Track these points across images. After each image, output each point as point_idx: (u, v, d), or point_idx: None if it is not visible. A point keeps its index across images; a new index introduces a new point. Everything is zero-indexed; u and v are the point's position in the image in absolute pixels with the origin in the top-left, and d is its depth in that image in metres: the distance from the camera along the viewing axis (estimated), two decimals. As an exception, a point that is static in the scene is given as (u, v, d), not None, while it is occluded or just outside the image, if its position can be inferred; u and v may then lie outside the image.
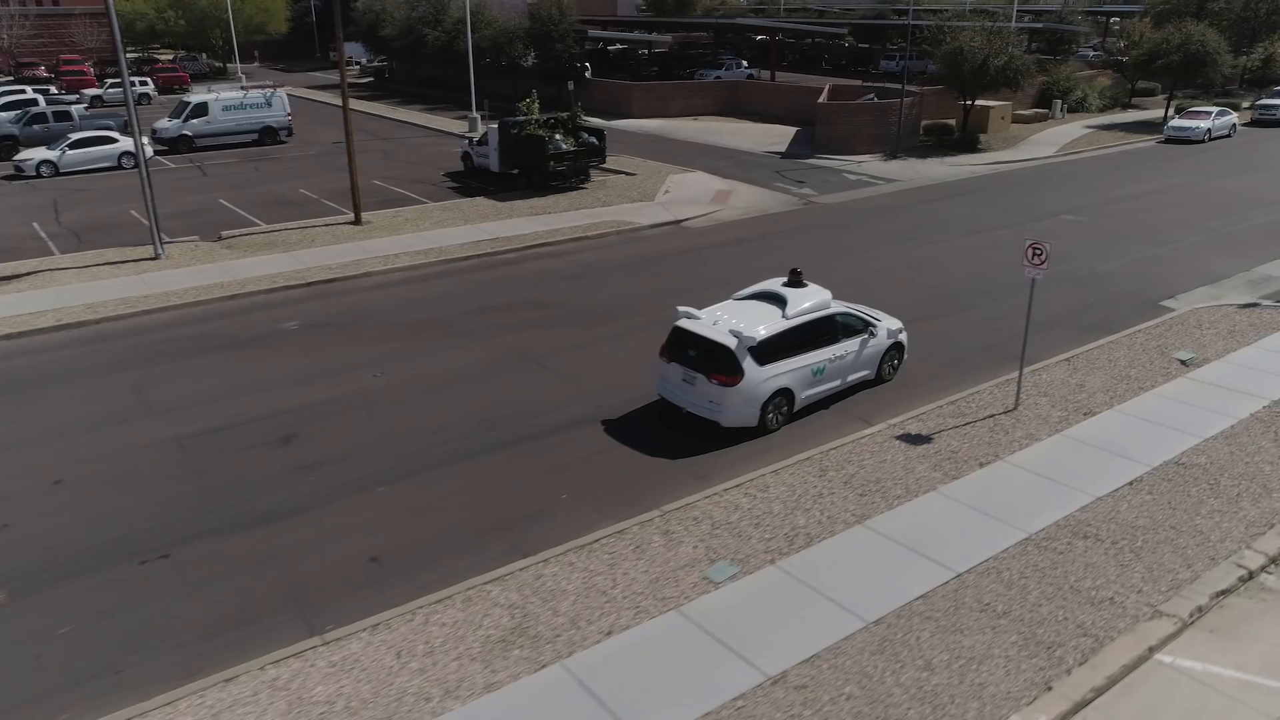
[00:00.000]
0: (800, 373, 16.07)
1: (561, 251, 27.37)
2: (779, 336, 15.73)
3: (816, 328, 16.39)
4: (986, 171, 39.51)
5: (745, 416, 15.59)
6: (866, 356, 17.37)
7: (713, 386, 15.35)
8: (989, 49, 42.15)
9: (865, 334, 17.28)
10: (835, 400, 17.13)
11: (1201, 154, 43.00)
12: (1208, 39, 48.42)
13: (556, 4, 56.18)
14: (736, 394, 15.28)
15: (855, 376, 17.35)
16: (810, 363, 16.20)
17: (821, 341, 16.41)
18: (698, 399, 15.66)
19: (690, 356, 15.73)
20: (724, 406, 15.38)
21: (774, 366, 15.60)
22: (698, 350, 15.64)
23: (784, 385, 15.81)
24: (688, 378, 15.73)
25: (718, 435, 15.66)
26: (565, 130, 34.77)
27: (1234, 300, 22.75)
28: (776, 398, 15.80)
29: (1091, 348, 19.57)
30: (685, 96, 55.29)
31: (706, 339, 15.56)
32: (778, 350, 15.70)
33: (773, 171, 39.04)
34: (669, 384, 16.23)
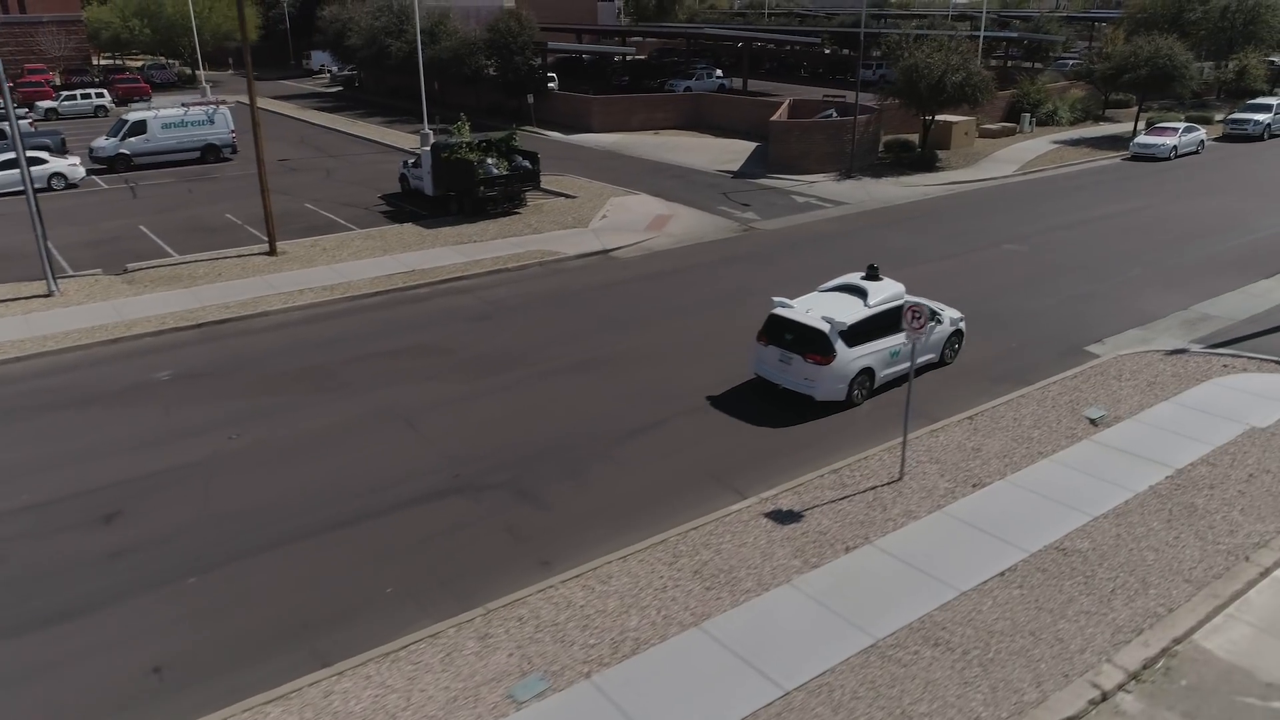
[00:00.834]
0: (881, 354, 18.52)
1: (475, 286, 26.31)
2: (863, 323, 18.13)
3: (893, 315, 18.54)
4: (940, 193, 38.42)
5: (835, 391, 18.06)
6: (934, 341, 19.80)
7: (808, 365, 17.79)
8: (946, 65, 41.06)
9: (932, 321, 19.30)
10: (721, 462, 16.10)
11: (1164, 173, 41.89)
12: (1175, 53, 47.31)
13: (515, 16, 55.08)
14: (829, 372, 17.76)
15: (923, 359, 19.50)
16: (888, 346, 18.61)
17: (897, 327, 18.51)
18: (794, 377, 18.09)
19: (787, 340, 18.10)
20: (817, 383, 17.87)
21: (859, 349, 18.08)
22: (793, 334, 18.04)
23: (867, 365, 18.31)
24: (784, 358, 18.16)
25: (811, 409, 18.05)
26: (499, 153, 33.70)
27: (1163, 345, 21.66)
28: (861, 376, 18.25)
29: (999, 403, 18.49)
30: (647, 110, 54.21)
31: (802, 324, 17.99)
32: (862, 334, 18.11)
33: (720, 193, 37.97)
34: (765, 364, 18.65)
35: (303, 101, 69.74)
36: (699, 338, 22.21)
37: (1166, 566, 13.00)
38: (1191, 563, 13.09)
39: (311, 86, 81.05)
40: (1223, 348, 21.42)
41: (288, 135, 53.19)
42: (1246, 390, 18.88)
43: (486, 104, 60.25)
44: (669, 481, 15.72)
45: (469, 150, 32.98)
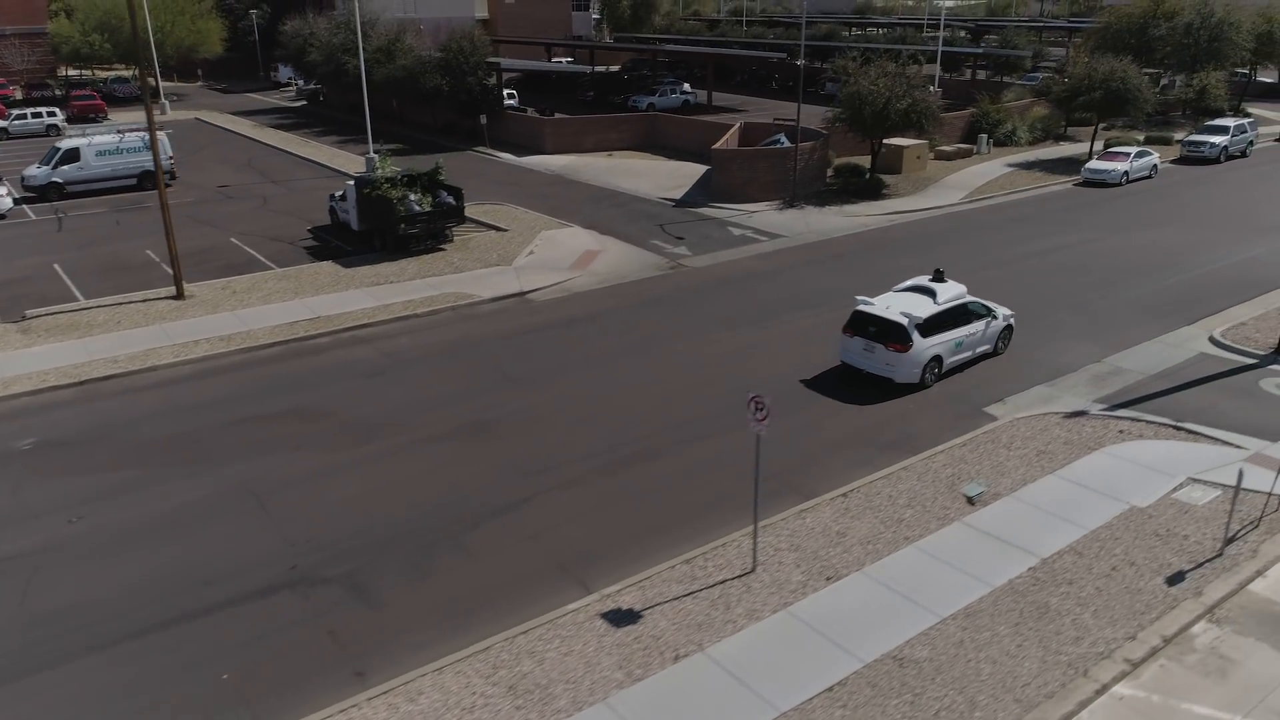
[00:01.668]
0: (948, 344, 21.94)
1: (379, 335, 25.69)
2: (934, 317, 21.57)
3: (957, 312, 22.24)
4: (880, 223, 37.84)
5: (911, 375, 21.40)
6: (989, 334, 23.18)
7: (889, 353, 21.24)
8: (891, 92, 40.49)
9: (989, 317, 23.14)
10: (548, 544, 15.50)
11: (1112, 202, 41.34)
12: (1129, 77, 46.76)
13: (469, 36, 54.45)
14: (907, 359, 21.15)
15: (981, 349, 23.14)
16: (954, 337, 22.09)
17: (960, 322, 22.26)
18: (876, 363, 21.54)
19: (870, 331, 21.49)
20: (897, 368, 21.28)
21: (930, 339, 21.43)
22: (876, 327, 21.45)
23: (937, 353, 21.68)
24: (868, 348, 21.56)
25: (890, 390, 21.46)
26: (423, 188, 33.08)
27: (1065, 405, 21.10)
28: (931, 362, 21.63)
29: (879, 476, 17.92)
30: (601, 131, 53.57)
31: (884, 318, 21.37)
32: (933, 327, 21.54)
33: (656, 225, 37.38)
34: (851, 353, 22.11)
35: (263, 117, 69.04)
36: (592, 397, 21.63)
37: (1000, 682, 12.42)
38: (1028, 677, 12.52)
39: (277, 100, 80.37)
40: (1125, 409, 20.88)
41: (235, 157, 52.52)
42: (1136, 461, 18.32)
43: (443, 123, 59.65)
44: (515, 574, 15.13)
45: (391, 186, 32.35)
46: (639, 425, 20.10)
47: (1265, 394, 21.51)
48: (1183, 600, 14.00)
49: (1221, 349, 24.34)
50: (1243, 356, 23.80)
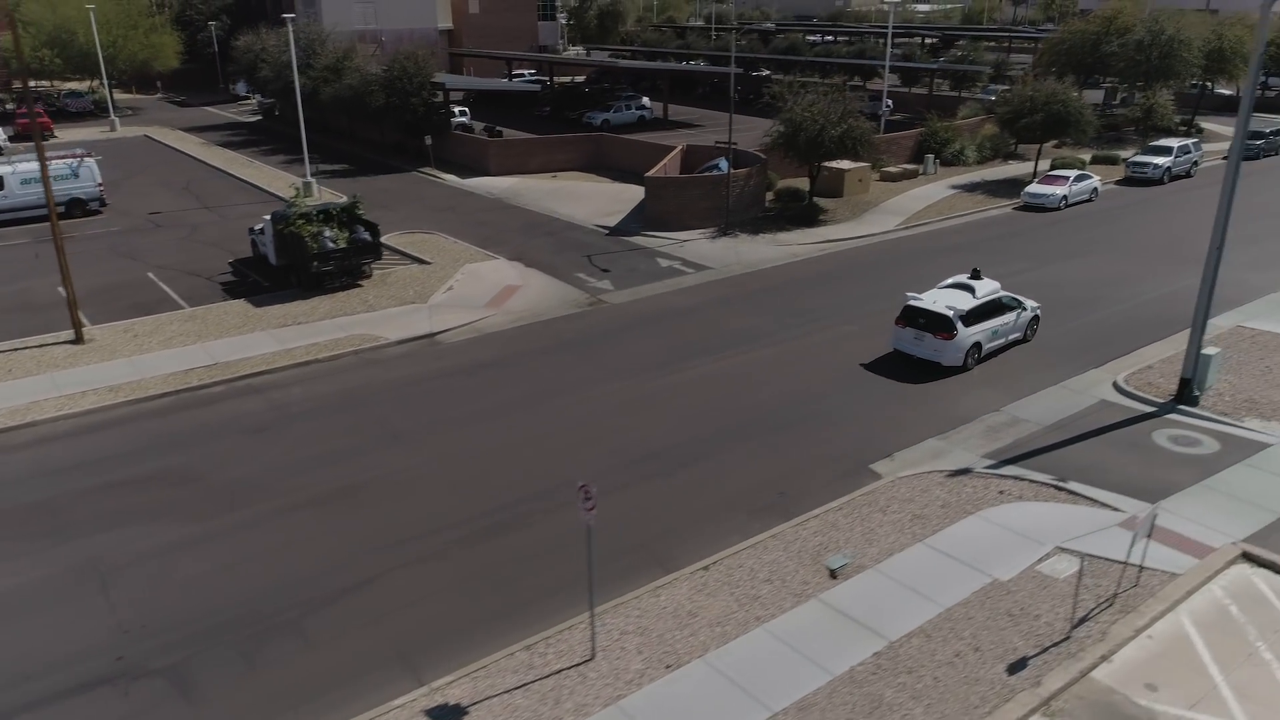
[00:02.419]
0: (985, 332, 25.65)
1: (274, 384, 25.20)
2: (974, 310, 25.33)
3: (993, 304, 25.98)
4: (812, 253, 37.54)
5: (955, 359, 25.08)
6: (1020, 323, 26.92)
7: (937, 340, 24.98)
8: (825, 119, 40.20)
9: (1019, 309, 26.83)
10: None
11: (1049, 227, 41.16)
12: (1069, 100, 46.62)
13: (413, 56, 53.89)
14: (952, 345, 24.90)
15: (1013, 336, 26.85)
16: (991, 326, 25.84)
17: (996, 313, 26.02)
18: (925, 349, 25.30)
19: (919, 323, 25.22)
20: (943, 353, 25.04)
21: (972, 328, 25.21)
22: (925, 319, 25.18)
23: (977, 340, 25.43)
24: (918, 336, 25.31)
25: (938, 372, 25.29)
26: (340, 224, 32.58)
27: (951, 462, 20.82)
28: (972, 348, 25.33)
29: (744, 547, 17.56)
30: (547, 152, 53.14)
31: (932, 311, 25.13)
32: (973, 318, 25.28)
33: (585, 255, 36.98)
34: (902, 341, 25.78)
35: (214, 134, 68.28)
36: (475, 455, 21.23)
37: (813, 791, 12.10)
38: (843, 784, 12.20)
39: (233, 115, 79.58)
40: (1011, 465, 20.61)
41: (175, 180, 51.87)
42: (1009, 527, 18.04)
43: (392, 142, 59.12)
44: (351, 663, 14.71)
45: (305, 222, 31.84)
46: (515, 489, 19.71)
47: (1156, 448, 21.28)
48: (1019, 692, 13.70)
49: (1123, 395, 24.14)
50: (1142, 404, 23.60)
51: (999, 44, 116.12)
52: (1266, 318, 29.58)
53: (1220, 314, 29.82)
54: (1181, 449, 21.18)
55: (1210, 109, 75.11)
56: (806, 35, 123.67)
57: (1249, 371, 25.16)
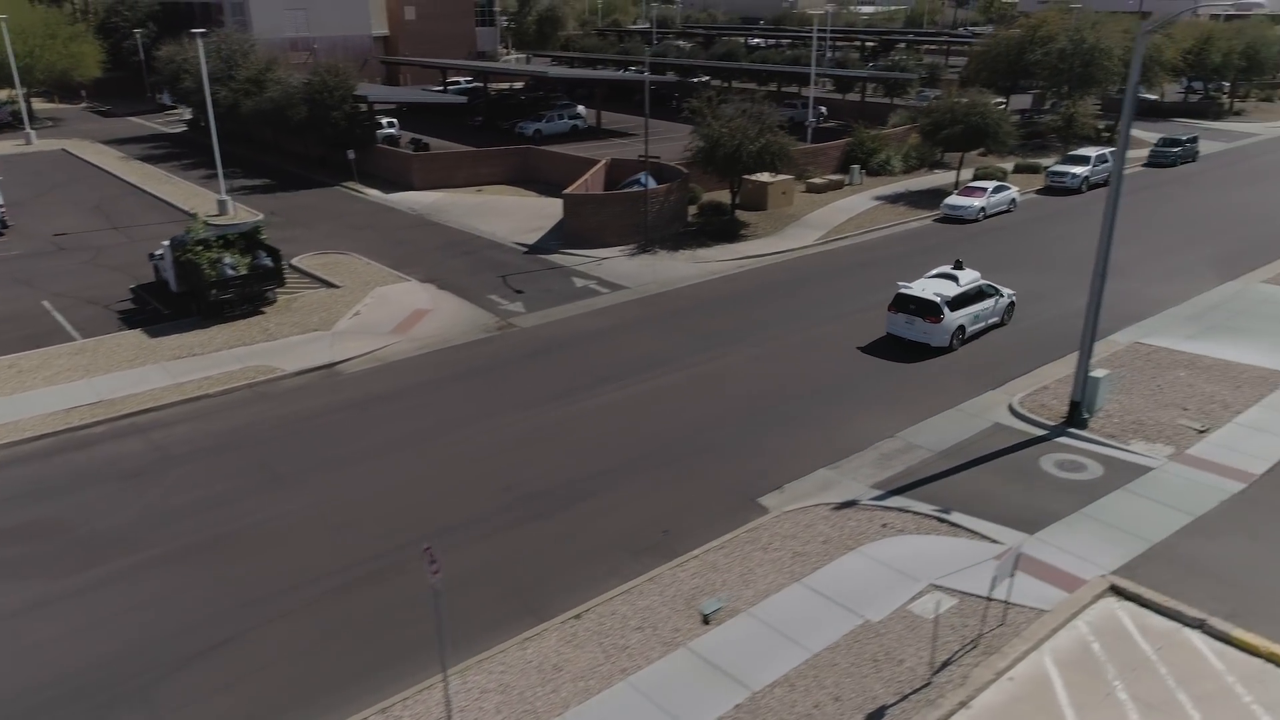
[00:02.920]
0: (969, 316, 28.61)
1: (160, 422, 24.42)
2: (958, 297, 28.30)
3: (974, 291, 28.94)
4: (728, 270, 37.45)
5: (943, 340, 28.03)
6: (998, 309, 29.80)
7: (926, 324, 27.94)
8: (743, 134, 40.14)
9: (998, 295, 29.70)
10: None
11: (966, 240, 41.52)
12: (988, 112, 47.13)
13: (333, 69, 52.91)
14: (939, 328, 27.86)
15: (992, 320, 29.68)
16: (973, 311, 28.76)
17: (977, 299, 28.95)
18: (916, 332, 28.25)
19: (910, 308, 28.19)
20: (932, 335, 28.00)
21: (957, 313, 28.16)
22: (915, 304, 28.11)
23: (961, 323, 28.36)
24: (909, 320, 28.24)
25: (927, 353, 28.21)
26: (241, 250, 31.77)
27: (840, 493, 20.77)
28: (957, 330, 28.28)
29: (619, 592, 17.31)
30: (473, 165, 52.51)
31: (921, 298, 28.06)
32: (958, 304, 28.23)
33: (500, 276, 36.51)
34: (895, 326, 28.65)
35: (135, 147, 66.46)
36: (357, 498, 20.72)
37: None
38: None
39: (159, 126, 77.60)
40: (898, 495, 20.61)
41: (86, 198, 50.34)
42: (888, 564, 18.00)
43: (317, 155, 58.01)
44: (194, 733, 14.19)
45: (204, 249, 31.00)
46: (392, 535, 19.26)
47: (1041, 474, 21.42)
48: (873, 745, 13.61)
49: (1017, 419, 24.31)
50: (1035, 427, 23.78)
51: (940, 47, 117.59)
52: (1165, 333, 30.03)
53: (1121, 329, 30.35)
54: (1066, 475, 21.35)
55: (1135, 114, 76.62)
56: (748, 39, 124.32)
57: (1140, 391, 25.50)
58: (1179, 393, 25.28)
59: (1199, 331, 30.04)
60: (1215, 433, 23.03)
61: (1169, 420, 23.70)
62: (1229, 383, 25.86)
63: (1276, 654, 15.21)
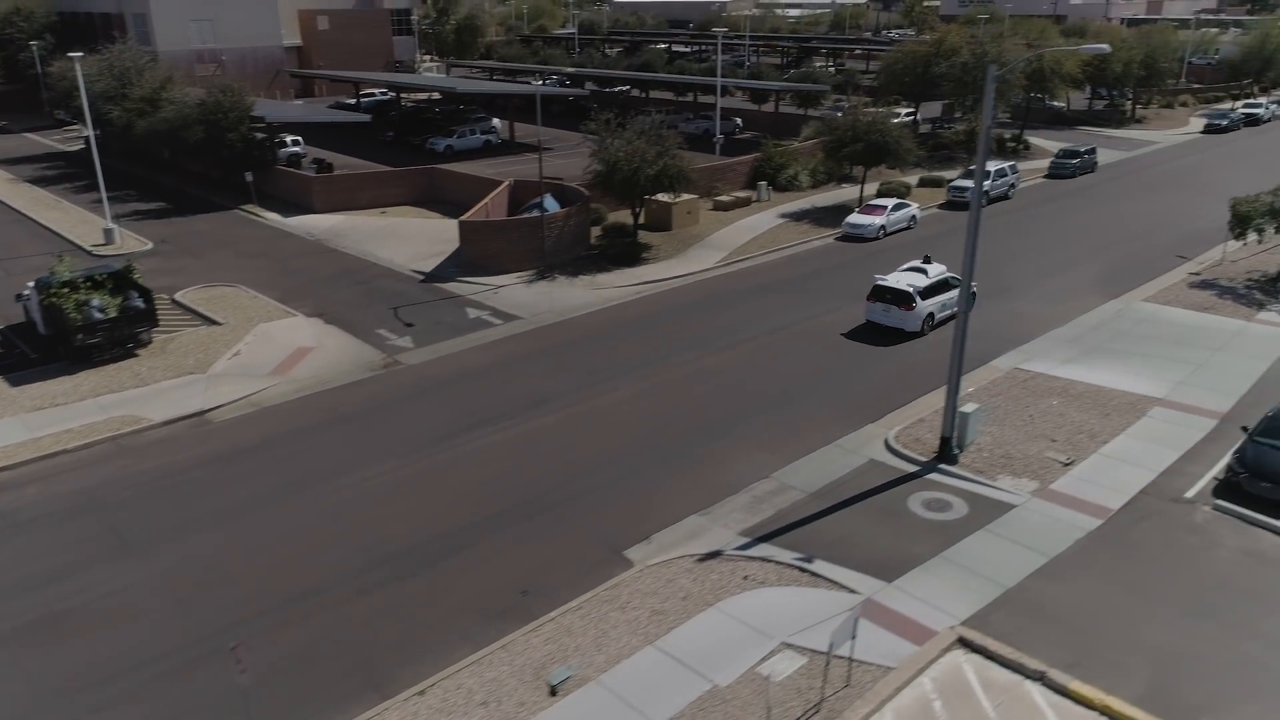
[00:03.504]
0: (937, 304, 32.07)
1: (9, 484, 23.24)
2: (928, 287, 31.85)
3: (941, 282, 32.47)
4: (628, 296, 37.21)
5: (915, 326, 31.41)
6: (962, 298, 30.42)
7: (901, 311, 31.35)
8: (641, 157, 39.92)
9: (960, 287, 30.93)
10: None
11: (864, 260, 41.88)
12: (887, 130, 47.66)
13: (228, 89, 51.40)
14: (912, 314, 31.28)
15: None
16: (941, 300, 32.22)
17: (944, 289, 32.43)
18: (892, 319, 31.62)
19: (886, 297, 31.61)
20: (906, 321, 31.39)
21: (927, 301, 31.63)
22: (891, 294, 31.59)
23: (931, 310, 31.86)
24: (885, 309, 31.62)
25: (901, 337, 31.68)
26: (111, 291, 30.52)
27: (707, 542, 20.61)
28: (928, 317, 31.79)
29: (468, 663, 16.90)
30: (377, 186, 51.49)
31: (896, 288, 31.56)
32: (928, 293, 31.74)
33: (392, 307, 35.72)
34: (874, 313, 31.83)
35: (27, 168, 63.82)
36: (206, 567, 19.92)
37: None
38: None
39: (55, 143, 74.73)
40: (765, 543, 20.52)
41: (-35, 227, 48.10)
42: (744, 620, 17.88)
43: (217, 176, 56.29)
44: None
45: (70, 291, 29.71)
46: (236, 607, 18.54)
47: (908, 516, 21.54)
48: (703, 827, 13.41)
49: (892, 454, 24.46)
50: (908, 463, 23.95)
51: (862, 52, 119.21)
52: (1045, 356, 30.55)
53: (1004, 353, 30.83)
54: (932, 515, 21.51)
55: (1042, 122, 78.49)
56: (672, 46, 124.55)
57: (1014, 421, 25.88)
58: (1050, 423, 25.71)
59: (1078, 354, 30.65)
60: (1080, 465, 23.44)
61: (1037, 453, 24.07)
62: (1098, 410, 26.39)
63: (1110, 707, 15.43)
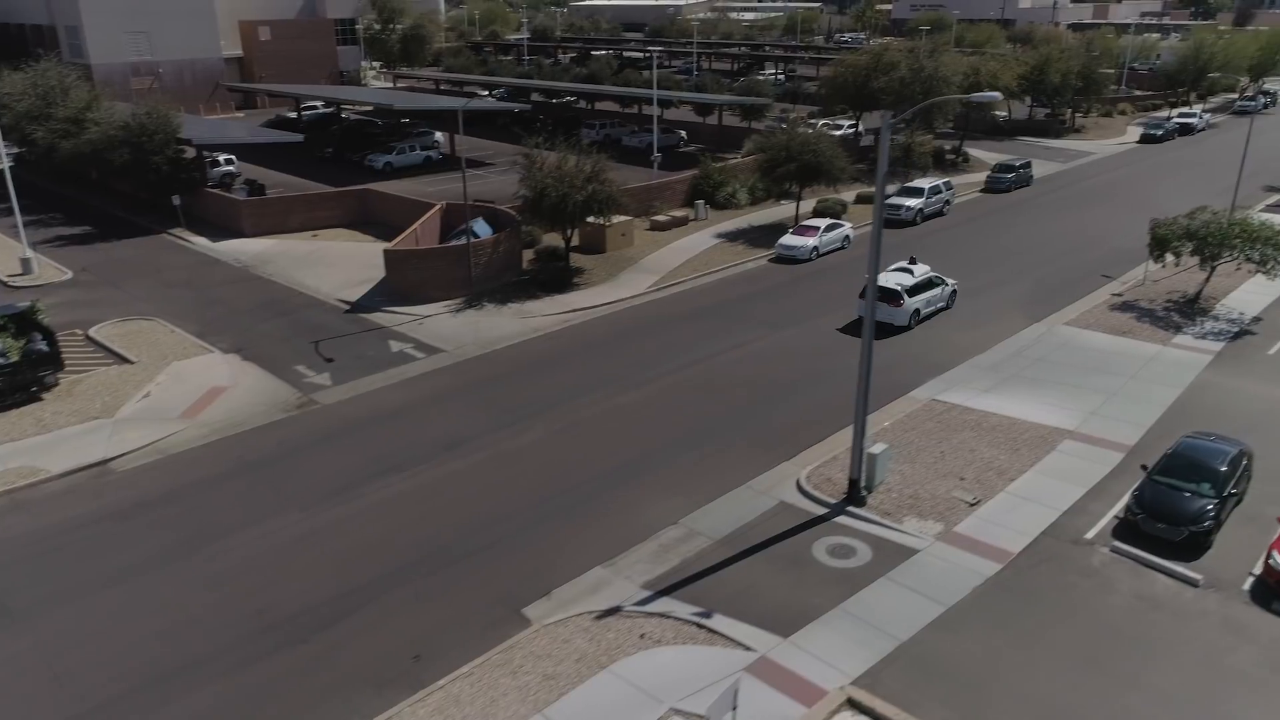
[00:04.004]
0: (922, 301, 35.91)
1: (-110, 547, 22.44)
2: (915, 285, 35.71)
3: (926, 281, 36.31)
4: (555, 326, 36.91)
5: (903, 320, 35.09)
6: (944, 295, 37.17)
7: (890, 307, 34.81)
8: (570, 183, 39.62)
9: (944, 285, 37.10)
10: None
11: (796, 283, 42.00)
12: (820, 151, 47.77)
13: (152, 112, 50.20)
14: (901, 310, 34.99)
15: (939, 305, 36.92)
16: (925, 297, 36.11)
17: (928, 288, 36.34)
18: (883, 314, 34.27)
19: (876, 294, 29.88)
20: (895, 316, 35.00)
21: (914, 298, 35.48)
22: (881, 293, 33.46)
23: (917, 306, 35.72)
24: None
25: (893, 330, 35.08)
26: (12, 334, 29.62)
27: (608, 597, 20.39)
28: (915, 312, 35.63)
29: (350, 740, 16.53)
30: (308, 209, 50.65)
31: (886, 287, 34.63)
32: (914, 290, 35.59)
33: (313, 341, 35.08)
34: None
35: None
36: (93, 636, 19.31)
37: None
38: None
39: (-17, 160, 72.65)
40: (665, 596, 20.37)
41: (-124, 256, 46.54)
42: (637, 683, 17.70)
43: (146, 198, 55.03)
44: None
45: (-31, 335, 28.82)
46: (115, 682, 17.94)
47: (812, 563, 21.49)
48: None
49: (803, 496, 24.41)
50: (817, 505, 23.93)
51: (817, 58, 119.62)
52: (964, 386, 30.73)
53: (924, 383, 31.02)
54: (835, 563, 21.49)
55: (982, 133, 79.26)
56: (621, 53, 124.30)
57: (925, 458, 25.97)
58: (960, 459, 25.84)
59: (996, 383, 30.90)
60: (985, 505, 23.57)
61: (945, 492, 24.17)
62: (1009, 445, 26.58)
63: (989, 770, 15.44)
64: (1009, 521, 22.81)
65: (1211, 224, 36.69)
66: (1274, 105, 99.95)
